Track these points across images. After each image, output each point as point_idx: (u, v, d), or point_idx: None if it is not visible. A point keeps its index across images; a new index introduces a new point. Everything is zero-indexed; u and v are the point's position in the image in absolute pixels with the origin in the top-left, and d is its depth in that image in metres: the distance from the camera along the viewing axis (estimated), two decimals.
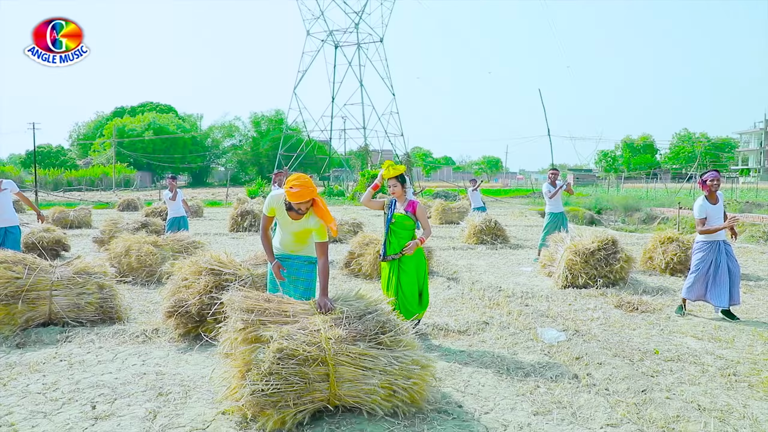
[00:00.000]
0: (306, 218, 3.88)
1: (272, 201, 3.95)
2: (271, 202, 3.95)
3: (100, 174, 59.70)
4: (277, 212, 3.97)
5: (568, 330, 5.21)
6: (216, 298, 4.83)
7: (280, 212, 3.96)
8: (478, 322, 5.42)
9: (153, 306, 6.21)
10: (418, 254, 4.88)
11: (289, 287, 4.08)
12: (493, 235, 11.82)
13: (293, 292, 4.04)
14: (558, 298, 6.70)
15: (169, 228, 9.38)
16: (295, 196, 3.68)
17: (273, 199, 3.95)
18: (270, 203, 3.95)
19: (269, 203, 3.95)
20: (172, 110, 79.22)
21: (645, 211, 24.53)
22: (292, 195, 3.68)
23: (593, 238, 7.54)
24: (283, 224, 4.02)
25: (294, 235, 4.04)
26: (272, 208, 3.96)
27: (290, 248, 4.09)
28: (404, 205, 4.90)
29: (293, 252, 4.10)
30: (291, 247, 4.09)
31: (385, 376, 3.30)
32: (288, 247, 4.09)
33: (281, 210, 3.94)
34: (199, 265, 4.95)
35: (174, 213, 9.55)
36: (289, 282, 4.08)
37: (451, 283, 7.51)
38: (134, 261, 7.42)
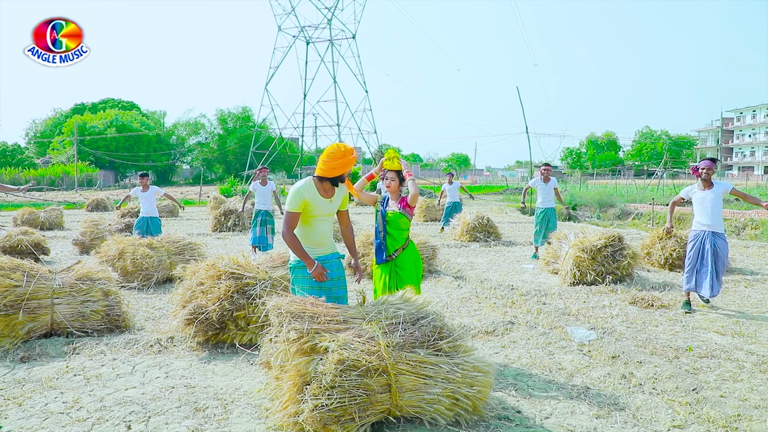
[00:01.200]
0: (339, 190, 3.78)
1: (303, 193, 3.60)
2: (301, 195, 3.59)
3: (60, 173, 57.45)
4: (310, 203, 3.64)
5: (596, 328, 5.16)
6: (238, 303, 4.59)
7: (313, 201, 3.64)
8: (503, 322, 5.32)
9: (158, 312, 5.88)
10: (412, 249, 4.40)
11: (334, 290, 3.86)
12: (485, 233, 11.79)
13: (339, 294, 3.82)
14: (570, 295, 6.67)
15: (136, 227, 8.95)
16: (353, 160, 3.68)
17: (302, 191, 3.60)
18: (300, 197, 3.58)
19: (299, 197, 3.58)
20: (135, 107, 76.88)
21: (619, 207, 25.01)
22: (351, 161, 3.64)
23: (599, 235, 7.55)
24: (317, 214, 3.69)
25: (328, 223, 3.82)
26: (304, 201, 3.61)
27: (325, 243, 3.80)
28: (398, 202, 4.40)
29: (327, 249, 3.83)
30: (325, 241, 3.80)
31: (448, 385, 3.14)
32: (323, 243, 3.78)
33: (314, 198, 3.65)
34: (218, 269, 4.68)
35: (146, 212, 9.07)
36: (332, 284, 3.85)
37: (460, 282, 7.40)
38: (129, 264, 7.03)
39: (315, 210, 3.66)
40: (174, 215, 19.77)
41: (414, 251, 4.41)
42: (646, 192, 33.02)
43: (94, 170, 61.09)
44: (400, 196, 4.45)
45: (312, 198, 3.64)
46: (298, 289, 3.74)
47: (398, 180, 4.41)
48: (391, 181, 4.40)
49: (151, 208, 9.10)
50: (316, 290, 3.74)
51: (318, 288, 3.73)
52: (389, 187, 4.41)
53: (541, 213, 9.37)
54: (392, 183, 4.40)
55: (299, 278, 3.74)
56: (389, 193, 4.45)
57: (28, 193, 39.30)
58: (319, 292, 3.73)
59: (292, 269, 3.78)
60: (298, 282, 3.75)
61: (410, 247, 4.39)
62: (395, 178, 4.40)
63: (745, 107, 77.69)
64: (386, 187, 4.41)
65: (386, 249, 4.31)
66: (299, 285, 3.74)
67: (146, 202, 9.08)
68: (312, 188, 3.66)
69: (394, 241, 4.31)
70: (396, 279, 4.28)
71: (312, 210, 3.66)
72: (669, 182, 41.12)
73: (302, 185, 3.66)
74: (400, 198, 4.42)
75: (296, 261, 3.73)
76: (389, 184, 4.41)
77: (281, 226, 3.72)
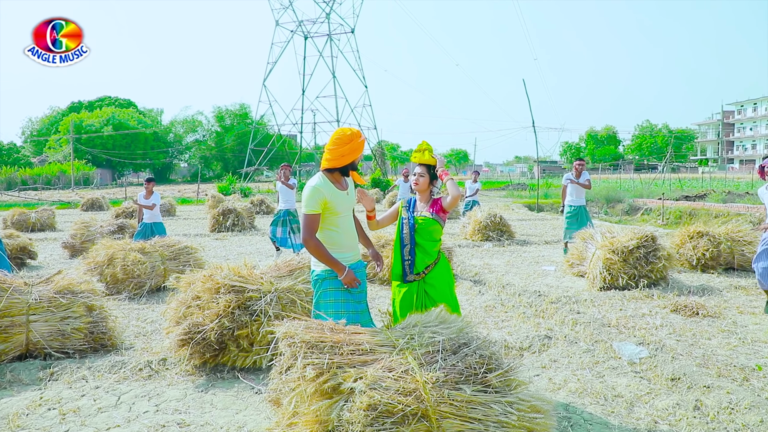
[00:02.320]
0: (349, 182, 3.30)
1: (321, 190, 3.06)
2: (320, 193, 3.05)
3: (57, 172, 56.70)
4: (330, 201, 3.09)
5: (644, 343, 4.57)
6: (240, 321, 3.98)
7: (333, 197, 3.10)
8: (538, 336, 4.72)
9: (150, 327, 5.28)
10: (444, 264, 3.67)
11: (362, 303, 3.28)
12: (498, 231, 11.19)
13: (360, 308, 3.24)
14: (603, 302, 6.08)
15: (138, 236, 8.33)
16: (362, 144, 3.23)
17: (320, 188, 3.06)
18: (319, 195, 3.04)
19: (318, 196, 3.04)
20: (132, 105, 76.13)
21: (627, 203, 24.43)
22: (360, 144, 3.20)
23: (631, 235, 6.95)
24: (340, 210, 3.15)
25: (352, 220, 3.30)
26: (324, 200, 3.07)
27: (354, 246, 3.26)
28: (428, 205, 3.64)
29: (357, 254, 3.27)
30: (354, 242, 3.27)
31: (501, 430, 2.54)
32: (352, 246, 3.24)
33: (333, 193, 3.11)
34: (217, 281, 4.07)
35: (149, 218, 8.50)
36: (361, 297, 3.27)
37: (481, 288, 6.80)
38: (119, 272, 6.42)
39: (337, 206, 3.14)
40: (171, 215, 19.14)
41: (446, 266, 3.72)
42: (652, 187, 32.44)
43: (90, 169, 60.38)
44: (431, 197, 3.72)
45: (331, 194, 3.11)
46: (323, 303, 3.16)
47: (428, 176, 3.68)
48: (419, 177, 3.67)
49: (154, 213, 8.51)
50: (347, 303, 3.17)
51: (345, 301, 3.16)
52: (417, 185, 3.69)
53: (573, 210, 8.74)
54: (420, 180, 3.67)
55: (328, 291, 3.16)
56: (417, 194, 3.76)
57: (23, 193, 38.64)
58: (347, 306, 3.16)
59: (317, 282, 3.19)
60: (325, 296, 3.17)
61: (442, 261, 3.70)
62: (425, 174, 3.67)
63: (746, 100, 77.14)
64: (414, 185, 3.68)
65: (414, 265, 3.59)
66: (326, 299, 3.16)
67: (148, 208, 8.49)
68: (327, 183, 3.13)
69: (425, 255, 3.59)
70: (425, 301, 3.59)
71: (334, 207, 3.13)
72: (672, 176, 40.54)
73: (318, 182, 3.11)
74: (431, 200, 3.70)
75: (322, 271, 3.17)
76: (417, 181, 3.68)
77: None
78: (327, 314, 3.07)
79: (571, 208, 8.79)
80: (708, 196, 23.60)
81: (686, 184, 34.97)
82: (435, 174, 3.71)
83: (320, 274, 3.17)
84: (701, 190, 28.04)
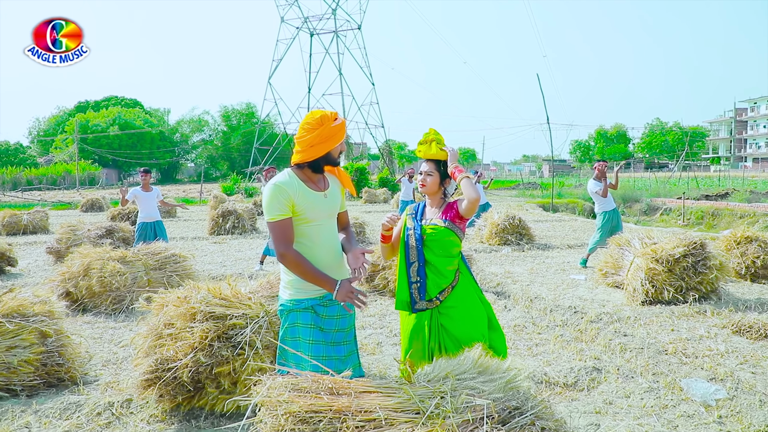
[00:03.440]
0: (331, 180, 2.56)
1: (287, 190, 2.33)
2: (285, 193, 2.32)
3: (62, 172, 56.34)
4: (299, 205, 2.35)
5: (716, 378, 3.75)
6: (219, 355, 3.20)
7: (303, 198, 2.36)
8: (584, 368, 3.91)
9: (123, 352, 4.51)
10: (467, 286, 2.86)
11: (346, 344, 2.51)
12: (517, 235, 10.37)
13: (341, 353, 2.48)
14: (650, 320, 5.25)
15: (138, 238, 7.54)
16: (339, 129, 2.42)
17: (284, 185, 2.33)
18: (282, 194, 2.32)
19: (282, 196, 2.31)
20: (139, 105, 75.86)
21: (645, 202, 23.50)
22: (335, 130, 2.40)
23: (677, 242, 6.10)
24: (313, 217, 2.40)
25: (332, 230, 2.53)
26: (290, 202, 2.33)
27: (334, 265, 2.48)
28: (441, 210, 2.85)
29: (339, 274, 2.49)
30: (334, 262, 2.49)
31: None
32: (331, 265, 2.46)
33: (303, 193, 2.37)
34: (192, 306, 3.29)
35: (145, 216, 7.64)
36: (343, 336, 2.50)
37: (506, 302, 6.00)
38: (96, 284, 5.67)
39: (308, 211, 2.38)
40: (171, 216, 18.45)
41: (469, 288, 2.88)
42: (667, 186, 31.46)
43: (96, 169, 60.06)
44: (443, 201, 2.90)
45: (300, 195, 2.37)
46: (289, 341, 2.40)
47: (438, 175, 2.86)
48: (427, 176, 2.86)
49: (153, 210, 7.67)
50: (319, 346, 2.39)
51: (315, 343, 2.38)
52: (424, 187, 2.88)
53: (607, 217, 7.86)
54: (428, 179, 2.85)
55: (296, 327, 2.40)
56: (426, 197, 2.95)
57: (26, 193, 38.19)
58: (318, 349, 2.39)
59: (285, 313, 2.44)
60: (292, 332, 2.40)
61: (464, 282, 2.88)
62: (433, 172, 2.86)
63: (759, 97, 75.62)
64: (420, 186, 2.89)
65: (426, 289, 2.79)
66: (293, 336, 2.40)
67: (148, 204, 7.63)
68: (296, 181, 2.39)
69: (438, 276, 2.78)
70: (442, 338, 2.78)
71: (304, 212, 2.38)
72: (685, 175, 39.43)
73: (281, 178, 2.39)
74: (444, 204, 2.88)
75: (288, 301, 2.41)
76: (424, 182, 2.87)
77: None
78: (290, 362, 2.35)
79: (605, 216, 7.90)
80: (731, 196, 22.65)
81: (703, 182, 33.94)
82: (447, 171, 2.88)
83: (285, 304, 2.42)
84: (721, 189, 27.04)
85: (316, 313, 2.41)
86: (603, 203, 7.89)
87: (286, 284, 2.45)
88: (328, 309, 2.44)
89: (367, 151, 57.91)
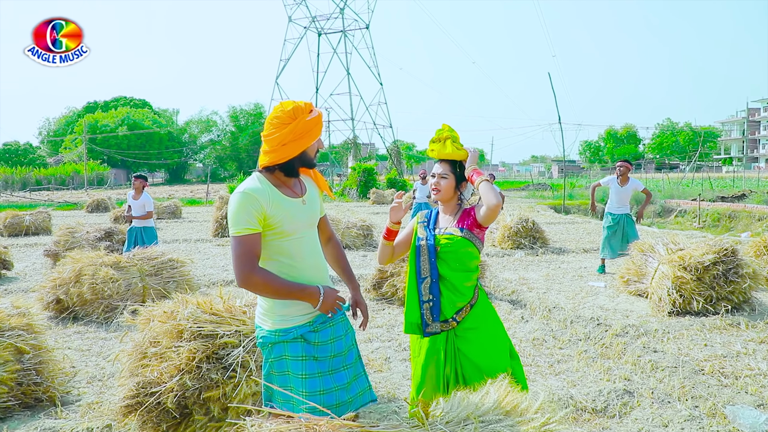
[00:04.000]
0: (307, 183, 2.19)
1: (257, 199, 1.94)
2: (255, 203, 1.94)
3: (71, 172, 56.50)
4: (272, 216, 1.97)
5: (763, 404, 3.36)
6: (209, 379, 2.86)
7: (278, 211, 1.98)
8: (614, 390, 3.53)
9: (111, 367, 4.19)
10: (485, 306, 2.50)
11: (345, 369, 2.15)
12: (531, 238, 9.97)
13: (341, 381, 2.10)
14: (680, 334, 4.86)
15: (128, 245, 7.25)
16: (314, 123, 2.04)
17: (255, 196, 1.94)
18: (253, 206, 1.93)
19: (251, 206, 1.93)
20: (147, 105, 76.11)
21: (659, 204, 23.00)
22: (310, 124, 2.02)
23: (706, 248, 5.70)
24: (292, 229, 2.02)
25: (314, 243, 2.15)
26: (261, 213, 1.95)
27: (323, 281, 2.12)
28: (457, 218, 2.49)
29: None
30: (323, 278, 2.13)
31: None
32: (320, 281, 2.10)
33: (277, 201, 2.00)
34: (178, 322, 2.95)
35: (136, 222, 7.39)
36: (340, 361, 2.13)
37: (523, 311, 5.62)
38: (87, 291, 5.36)
39: (284, 222, 2.00)
40: (176, 216, 18.20)
41: (489, 307, 2.53)
42: (680, 187, 30.88)
43: (105, 169, 60.22)
44: (459, 208, 2.53)
45: (273, 203, 1.98)
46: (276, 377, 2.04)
47: (454, 178, 2.48)
48: (441, 179, 2.48)
49: (141, 216, 7.42)
50: (315, 380, 2.02)
51: (310, 377, 2.01)
52: (437, 191, 2.50)
53: (613, 220, 7.48)
54: (442, 182, 2.48)
55: (287, 359, 2.03)
56: (439, 204, 2.58)
57: (34, 193, 38.21)
58: (315, 383, 2.01)
59: (264, 347, 2.08)
60: (284, 366, 2.03)
61: (482, 301, 2.51)
62: (448, 174, 2.48)
63: None
64: (433, 191, 2.52)
65: (440, 309, 2.42)
66: (280, 370, 2.03)
67: (137, 211, 7.41)
68: (267, 187, 2.01)
69: (455, 294, 2.42)
70: (462, 366, 2.41)
71: (279, 224, 2.00)
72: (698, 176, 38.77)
73: (250, 185, 1.99)
74: (459, 211, 2.51)
75: (270, 333, 2.04)
76: (437, 184, 2.50)
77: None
78: (281, 402, 1.98)
79: (611, 217, 7.52)
80: (748, 197, 22.08)
81: (716, 184, 33.32)
82: (463, 175, 2.50)
83: (267, 336, 2.04)
84: (736, 190, 26.47)
85: (306, 341, 2.04)
86: (613, 203, 7.51)
87: (265, 312, 2.07)
88: (320, 334, 2.07)
89: (375, 152, 57.55)
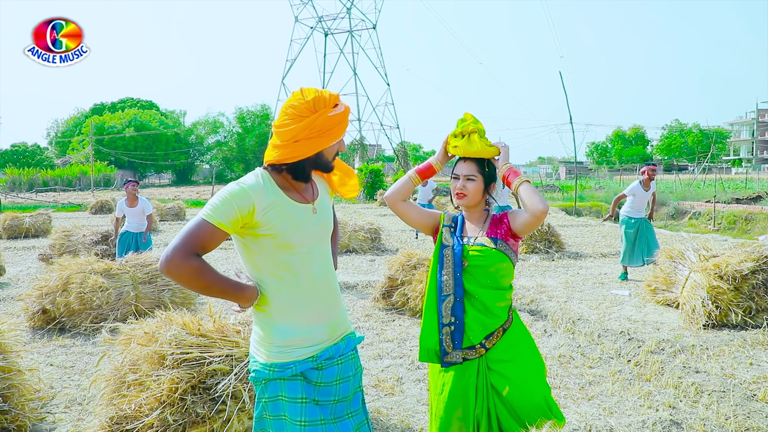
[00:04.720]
0: (321, 187, 1.78)
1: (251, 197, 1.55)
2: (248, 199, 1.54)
3: (78, 173, 56.50)
4: (271, 222, 1.57)
5: None
6: (193, 412, 2.46)
7: (279, 217, 1.59)
8: (661, 422, 3.10)
9: (94, 388, 3.79)
10: (520, 330, 2.10)
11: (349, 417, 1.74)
12: (546, 242, 9.53)
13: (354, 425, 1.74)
14: (720, 350, 4.41)
15: (120, 251, 6.86)
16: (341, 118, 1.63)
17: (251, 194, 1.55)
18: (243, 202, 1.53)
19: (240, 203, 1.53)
20: (154, 106, 76.23)
21: (672, 206, 22.49)
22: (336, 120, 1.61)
23: (743, 255, 5.25)
24: (297, 241, 1.62)
25: (325, 262, 1.71)
26: (249, 215, 1.54)
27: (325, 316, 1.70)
28: (487, 226, 2.09)
29: (337, 330, 1.74)
30: (326, 308, 1.70)
31: None
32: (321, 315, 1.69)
33: (282, 209, 1.60)
34: (160, 346, 2.55)
35: (128, 226, 6.96)
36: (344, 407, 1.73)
37: (545, 324, 5.19)
38: (74, 301, 4.98)
39: (290, 232, 1.60)
40: (180, 218, 17.86)
41: (524, 335, 2.10)
42: (692, 188, 30.28)
43: (112, 170, 60.21)
44: (488, 214, 2.14)
45: (273, 206, 1.59)
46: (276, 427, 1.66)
47: (482, 180, 2.07)
48: (468, 181, 2.06)
49: (139, 223, 7.03)
50: (325, 426, 1.63)
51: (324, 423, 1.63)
52: (463, 197, 2.09)
53: (633, 224, 7.05)
54: (470, 186, 2.06)
55: (283, 401, 1.62)
56: (464, 209, 2.16)
57: (40, 194, 38.11)
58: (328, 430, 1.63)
59: (260, 382, 1.66)
60: (279, 409, 1.63)
61: (516, 325, 2.09)
62: (477, 176, 2.06)
63: None
64: (456, 197, 2.10)
65: (464, 333, 2.00)
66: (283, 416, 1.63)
67: (133, 219, 7.02)
68: (271, 186, 1.61)
69: (486, 315, 2.01)
70: (494, 405, 1.99)
71: (282, 233, 1.59)
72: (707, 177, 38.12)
73: (248, 180, 1.60)
74: (488, 218, 2.12)
75: (264, 367, 1.64)
76: (462, 189, 2.07)
77: None
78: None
79: (630, 221, 7.09)
80: (764, 199, 21.53)
81: (728, 185, 32.71)
82: (493, 174, 2.09)
83: (260, 371, 1.65)
84: (751, 192, 25.88)
85: (307, 380, 1.65)
86: (630, 207, 7.11)
87: (261, 340, 1.67)
88: (324, 373, 1.68)
89: (382, 153, 57.15)
